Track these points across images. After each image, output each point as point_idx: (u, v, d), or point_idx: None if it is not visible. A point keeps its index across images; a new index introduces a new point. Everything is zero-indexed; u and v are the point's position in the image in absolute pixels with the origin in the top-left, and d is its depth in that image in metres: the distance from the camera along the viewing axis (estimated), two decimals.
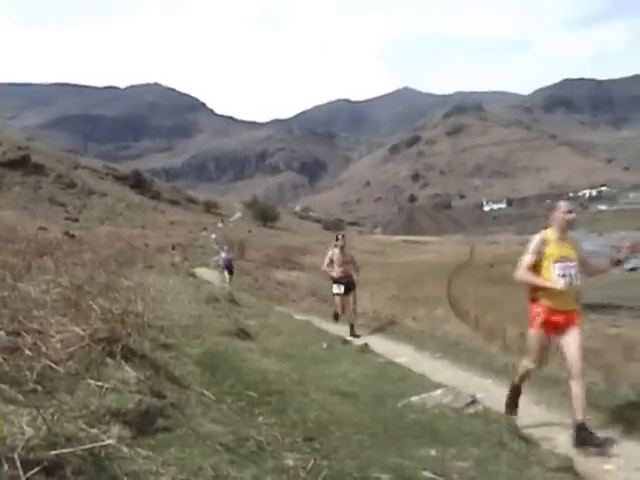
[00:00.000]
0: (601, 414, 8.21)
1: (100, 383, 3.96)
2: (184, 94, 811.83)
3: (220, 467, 3.27)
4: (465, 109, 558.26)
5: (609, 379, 10.81)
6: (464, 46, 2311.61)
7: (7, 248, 12.35)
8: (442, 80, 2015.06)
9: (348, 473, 4.04)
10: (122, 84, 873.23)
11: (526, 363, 8.13)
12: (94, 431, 3.22)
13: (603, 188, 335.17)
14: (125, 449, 3.17)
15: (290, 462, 3.89)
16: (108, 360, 4.52)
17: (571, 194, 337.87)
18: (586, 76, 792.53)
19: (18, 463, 2.50)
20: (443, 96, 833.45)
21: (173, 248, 56.03)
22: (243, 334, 10.75)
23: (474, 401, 7.39)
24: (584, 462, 6.35)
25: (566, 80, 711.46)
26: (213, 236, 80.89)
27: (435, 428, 6.21)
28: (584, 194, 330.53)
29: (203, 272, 39.25)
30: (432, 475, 4.55)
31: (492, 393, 9.51)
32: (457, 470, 4.92)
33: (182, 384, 5.32)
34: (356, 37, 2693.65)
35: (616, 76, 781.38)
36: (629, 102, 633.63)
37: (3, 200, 75.80)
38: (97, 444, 3.00)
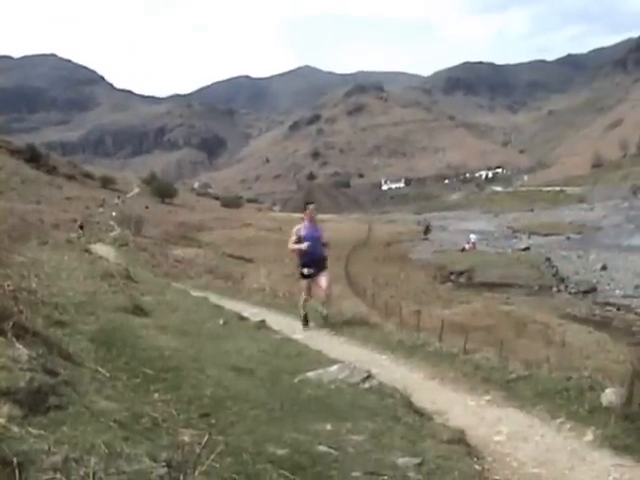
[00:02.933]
0: (493, 387, 8.42)
1: None
2: (82, 66, 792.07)
3: (114, 444, 3.23)
4: (365, 89, 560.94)
5: (501, 354, 11.11)
6: (367, 26, 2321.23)
7: None
8: (344, 59, 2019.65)
9: (244, 448, 4.05)
10: (16, 54, 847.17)
11: None
12: None
13: (498, 170, 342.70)
14: (15, 428, 3.11)
15: (186, 438, 3.88)
16: None
17: (467, 175, 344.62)
18: (485, 60, 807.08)
19: None
20: (344, 75, 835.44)
21: (81, 227, 54.41)
22: (139, 310, 10.65)
23: (369, 376, 7.50)
24: (475, 434, 6.52)
25: (465, 63, 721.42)
26: (114, 214, 79.81)
27: (331, 403, 6.28)
28: (480, 175, 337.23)
29: (99, 248, 38.71)
30: (327, 449, 4.60)
31: (387, 368, 9.66)
32: (352, 444, 4.99)
33: (76, 361, 5.24)
34: (258, 13, 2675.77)
35: (514, 61, 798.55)
36: (525, 87, 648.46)
37: None
38: None
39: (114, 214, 79.13)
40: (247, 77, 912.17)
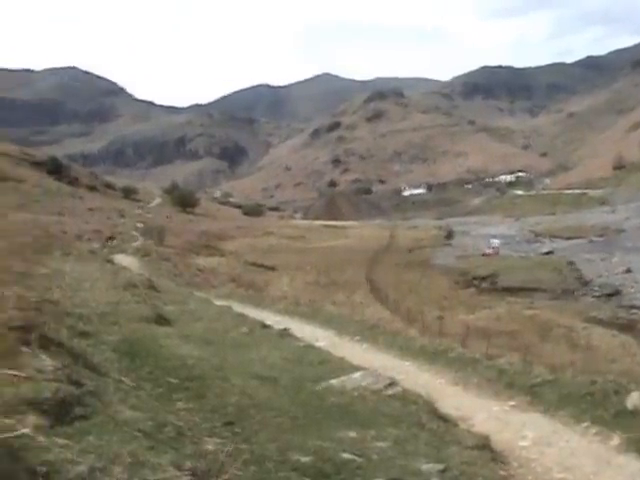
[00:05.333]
0: (517, 392, 8.39)
1: (15, 372, 3.90)
2: (102, 78, 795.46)
3: (138, 453, 3.25)
4: (385, 95, 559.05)
5: (525, 359, 11.06)
6: (385, 33, 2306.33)
7: None
8: (362, 66, 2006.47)
9: (268, 456, 4.06)
10: (38, 67, 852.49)
11: None
12: (9, 421, 3.17)
13: (520, 174, 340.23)
14: (41, 438, 3.13)
15: (210, 447, 3.90)
16: (23, 349, 4.44)
17: (489, 179, 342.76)
18: (504, 64, 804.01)
19: None
20: (363, 82, 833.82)
21: (110, 238, 55.68)
22: (162, 320, 10.68)
23: (393, 383, 7.48)
24: (500, 439, 6.50)
25: (484, 67, 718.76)
26: (139, 224, 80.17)
27: (354, 410, 6.27)
28: (501, 179, 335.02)
29: (122, 259, 38.84)
30: (351, 456, 4.60)
31: (411, 375, 9.64)
32: (376, 450, 4.98)
33: (100, 371, 5.26)
34: (276, 22, 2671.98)
35: (533, 64, 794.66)
36: (545, 90, 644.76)
37: None
38: (12, 434, 2.95)
39: (139, 225, 79.42)
40: (267, 86, 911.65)
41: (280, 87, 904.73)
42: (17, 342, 4.47)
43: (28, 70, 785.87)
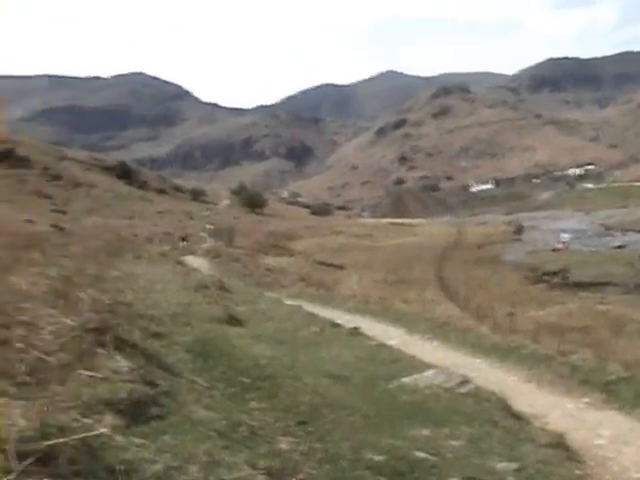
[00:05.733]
0: (591, 389, 8.26)
1: (92, 373, 3.96)
2: (168, 82, 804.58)
3: (213, 452, 3.29)
4: (450, 90, 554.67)
5: (599, 355, 10.87)
6: (448, 28, 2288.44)
7: None
8: (426, 62, 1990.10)
9: (342, 455, 4.06)
10: (106, 74, 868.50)
11: None
12: (87, 421, 3.23)
13: (589, 167, 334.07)
14: (119, 438, 3.18)
15: (284, 446, 3.91)
16: (99, 350, 4.51)
17: (557, 173, 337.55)
18: (570, 55, 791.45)
19: (12, 454, 2.51)
20: (427, 78, 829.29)
21: (184, 239, 57.22)
22: (233, 320, 10.76)
23: (465, 381, 7.43)
24: (575, 438, 6.41)
25: (550, 60, 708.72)
26: (208, 226, 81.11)
27: (427, 408, 6.24)
28: (570, 173, 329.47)
29: (192, 260, 39.30)
30: (425, 455, 4.58)
31: (483, 372, 9.56)
32: (450, 449, 4.95)
33: (174, 372, 5.32)
34: (339, 21, 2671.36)
35: (600, 54, 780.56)
36: (613, 80, 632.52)
37: None
38: (90, 434, 3.00)
39: (208, 226, 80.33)
40: (332, 85, 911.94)
41: (345, 86, 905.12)
42: (93, 344, 4.54)
43: (97, 77, 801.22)
